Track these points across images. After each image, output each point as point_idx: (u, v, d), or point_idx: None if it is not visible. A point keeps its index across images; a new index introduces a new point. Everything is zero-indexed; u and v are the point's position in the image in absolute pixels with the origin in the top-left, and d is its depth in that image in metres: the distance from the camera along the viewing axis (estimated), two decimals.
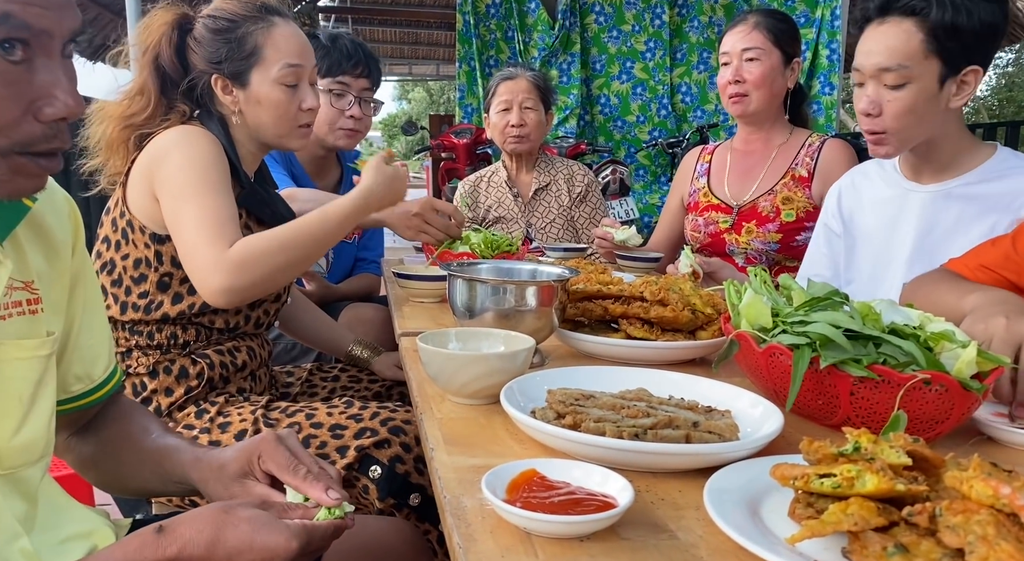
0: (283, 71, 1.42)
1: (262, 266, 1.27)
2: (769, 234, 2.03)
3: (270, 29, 1.43)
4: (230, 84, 1.43)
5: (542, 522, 0.65)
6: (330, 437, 1.32)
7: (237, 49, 1.41)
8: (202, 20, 1.43)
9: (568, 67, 5.41)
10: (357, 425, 1.32)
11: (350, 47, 2.09)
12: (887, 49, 1.33)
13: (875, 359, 0.85)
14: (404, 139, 28.21)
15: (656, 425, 0.80)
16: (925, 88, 1.34)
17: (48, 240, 0.89)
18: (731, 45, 2.03)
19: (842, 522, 0.58)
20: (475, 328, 1.13)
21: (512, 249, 1.82)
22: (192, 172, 1.33)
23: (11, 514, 0.82)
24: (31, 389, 0.83)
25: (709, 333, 1.20)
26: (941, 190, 1.45)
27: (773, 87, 2.02)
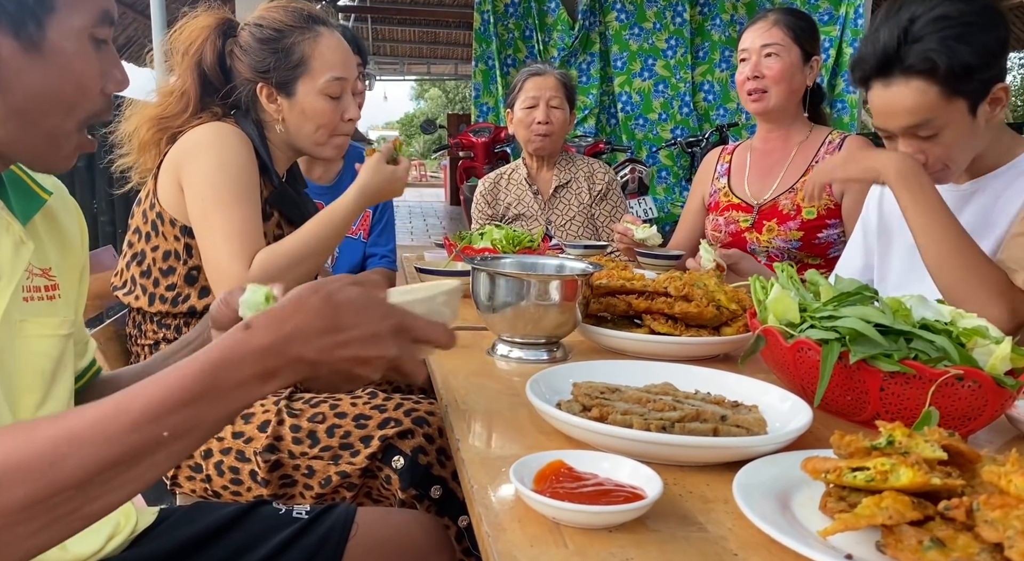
0: (329, 83, 1.44)
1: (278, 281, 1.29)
2: (790, 232, 2.01)
3: (317, 39, 1.44)
4: (275, 93, 1.44)
5: (571, 512, 0.64)
6: (354, 427, 1.32)
7: (284, 59, 1.42)
8: (248, 28, 1.44)
9: (588, 67, 5.41)
10: (381, 415, 1.33)
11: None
12: (906, 111, 1.27)
13: (906, 354, 0.84)
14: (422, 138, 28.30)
15: (684, 418, 0.80)
16: (960, 126, 1.28)
17: (62, 235, 0.93)
18: (750, 41, 2.02)
19: (876, 515, 0.58)
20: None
21: (533, 245, 1.82)
22: (221, 177, 1.34)
23: None
24: (52, 366, 0.86)
25: (734, 329, 1.19)
26: (970, 189, 1.43)
27: (792, 83, 2.01)
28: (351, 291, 0.68)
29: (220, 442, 1.35)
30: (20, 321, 0.82)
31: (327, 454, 1.31)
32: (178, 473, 1.38)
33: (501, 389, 1.05)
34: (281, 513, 1.11)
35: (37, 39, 0.72)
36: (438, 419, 1.32)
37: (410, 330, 0.69)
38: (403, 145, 1.58)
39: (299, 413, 1.35)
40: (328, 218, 1.47)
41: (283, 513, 1.11)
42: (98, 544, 0.91)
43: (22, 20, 0.71)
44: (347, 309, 0.67)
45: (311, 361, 0.65)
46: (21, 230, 0.82)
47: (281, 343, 0.64)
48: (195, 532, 1.04)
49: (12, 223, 0.82)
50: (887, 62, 1.26)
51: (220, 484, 1.35)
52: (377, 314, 0.68)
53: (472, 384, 1.06)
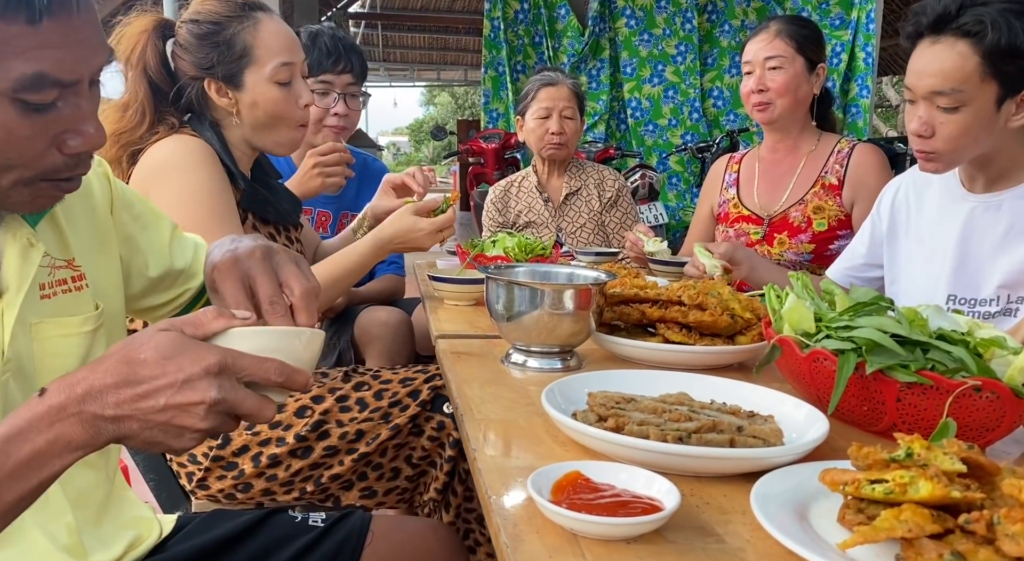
0: (277, 69, 1.40)
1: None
2: (802, 245, 2.01)
3: (256, 27, 1.40)
4: (224, 87, 1.41)
5: (589, 523, 0.65)
6: (401, 387, 1.38)
7: (227, 51, 1.39)
8: (185, 25, 1.41)
9: (597, 73, 5.42)
10: (424, 375, 1.40)
11: (330, 44, 2.05)
12: (940, 72, 1.28)
13: (923, 365, 0.84)
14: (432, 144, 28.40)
15: (700, 429, 0.80)
16: (981, 111, 1.28)
17: (88, 212, 0.91)
18: (753, 54, 2.01)
19: (896, 528, 0.58)
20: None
21: (546, 253, 1.82)
22: (194, 203, 1.31)
23: (61, 490, 0.84)
24: (77, 365, 0.85)
25: (748, 338, 1.19)
26: (992, 201, 1.41)
27: (797, 94, 2.00)
28: (159, 338, 0.64)
29: (256, 436, 1.37)
30: (35, 324, 0.81)
31: (377, 415, 1.39)
32: (208, 475, 1.39)
33: (516, 398, 1.05)
34: (297, 521, 1.12)
35: None
36: None
37: (234, 369, 0.65)
38: (451, 201, 1.53)
39: (338, 390, 1.41)
40: (338, 263, 1.48)
41: (299, 521, 1.12)
42: (119, 551, 0.92)
43: None
44: (150, 358, 0.63)
45: (112, 417, 0.62)
46: (30, 233, 0.81)
47: (72, 403, 0.62)
48: (213, 540, 1.05)
49: (20, 227, 0.80)
50: (943, 19, 1.27)
51: (254, 473, 1.37)
52: (188, 358, 0.63)
53: (487, 393, 1.07)
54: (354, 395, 1.39)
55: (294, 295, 0.79)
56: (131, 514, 0.98)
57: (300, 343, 0.71)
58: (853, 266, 1.67)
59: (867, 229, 1.66)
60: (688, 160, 5.36)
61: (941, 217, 1.48)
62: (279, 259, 0.81)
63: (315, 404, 1.39)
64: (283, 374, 0.67)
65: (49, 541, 0.83)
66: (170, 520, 1.07)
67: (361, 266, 1.49)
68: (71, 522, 0.85)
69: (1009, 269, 1.34)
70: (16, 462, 0.61)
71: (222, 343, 0.68)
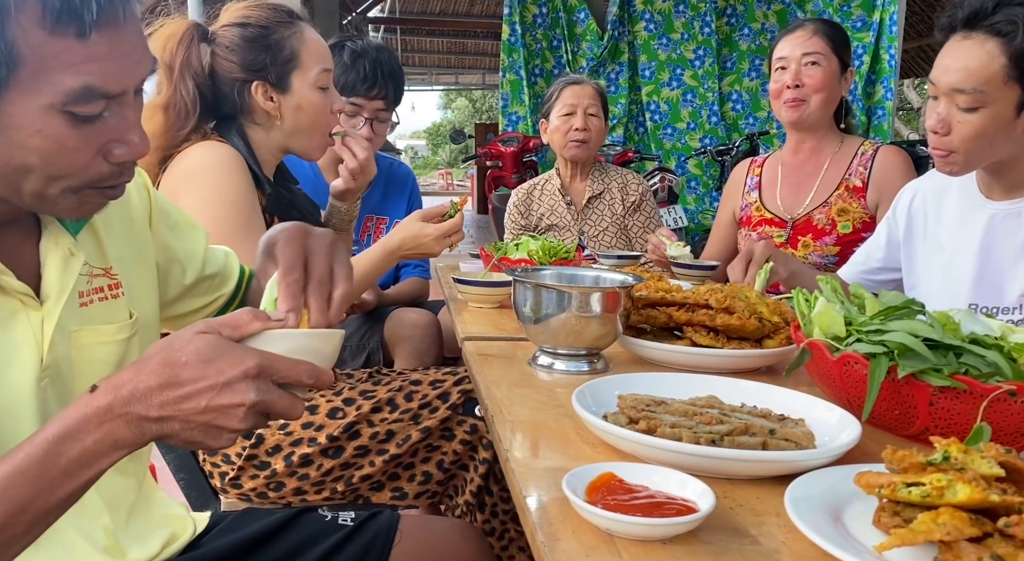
0: (320, 75, 1.46)
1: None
2: (827, 248, 2.00)
3: (302, 34, 1.46)
4: (271, 90, 1.44)
5: (625, 523, 0.65)
6: (431, 389, 1.39)
7: (277, 55, 1.43)
8: (231, 29, 1.44)
9: (616, 77, 5.42)
10: (454, 377, 1.41)
11: (368, 69, 2.04)
12: (965, 69, 1.27)
13: (956, 369, 0.84)
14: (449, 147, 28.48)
15: (732, 432, 0.80)
16: (1000, 114, 1.27)
17: (126, 220, 0.93)
18: (789, 50, 2.00)
19: (934, 531, 0.58)
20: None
21: (569, 256, 1.83)
22: (222, 211, 1.33)
23: (97, 492, 0.86)
24: (112, 371, 0.87)
25: (776, 342, 1.19)
26: (1012, 209, 1.40)
27: (831, 93, 2.00)
28: (198, 341, 0.67)
29: (289, 436, 1.39)
30: (74, 331, 0.84)
31: (407, 416, 1.40)
32: (241, 474, 1.41)
33: (544, 400, 1.06)
34: (327, 520, 1.13)
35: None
36: None
37: (270, 372, 0.67)
38: (459, 206, 1.54)
39: (371, 392, 1.42)
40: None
41: (329, 520, 1.13)
42: (155, 549, 0.93)
43: None
44: (192, 361, 0.65)
45: (156, 418, 0.65)
46: (71, 242, 0.83)
47: (119, 405, 0.65)
48: (245, 537, 1.06)
49: (62, 236, 0.83)
50: (977, 15, 1.27)
51: (286, 472, 1.39)
52: (228, 361, 0.66)
53: (515, 395, 1.08)
54: (385, 396, 1.41)
55: (336, 291, 0.80)
56: (164, 512, 1.00)
57: (327, 345, 0.74)
58: (868, 269, 1.66)
59: (883, 232, 1.65)
60: (707, 164, 5.35)
61: (960, 224, 1.47)
62: (340, 254, 0.83)
63: (346, 406, 1.41)
64: (314, 376, 0.70)
65: (87, 542, 0.85)
66: (203, 518, 1.09)
67: (370, 274, 1.51)
68: (107, 523, 0.87)
69: None
70: (68, 460, 0.64)
71: (257, 343, 0.70)
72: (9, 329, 0.77)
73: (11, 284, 0.77)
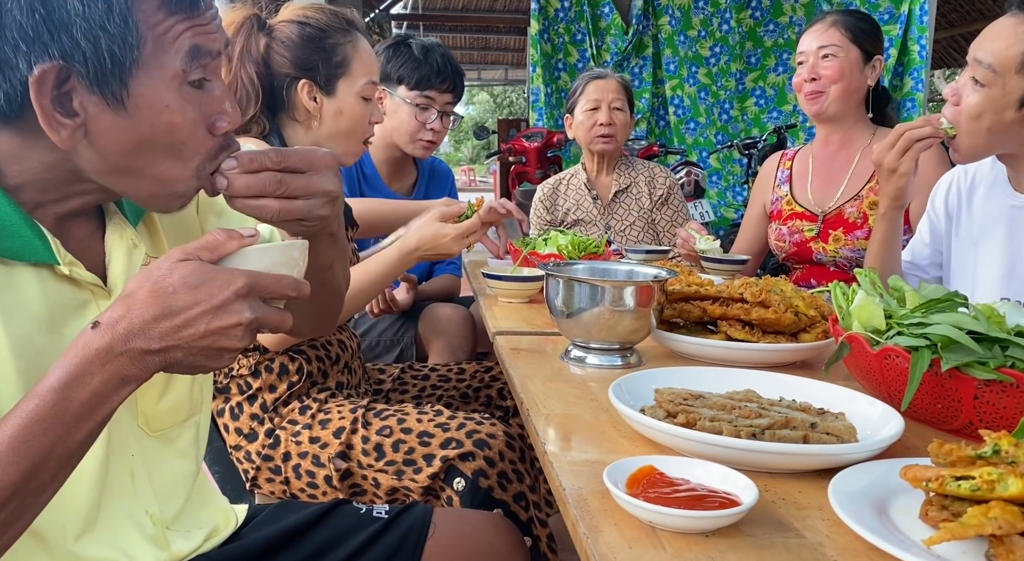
0: (366, 86, 1.49)
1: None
2: (858, 241, 1.97)
3: (357, 43, 1.48)
4: (316, 90, 1.46)
5: (668, 516, 0.65)
6: (418, 444, 1.35)
7: (330, 57, 1.45)
8: (290, 24, 1.46)
9: (640, 71, 5.40)
10: (444, 435, 1.35)
11: (440, 62, 2.10)
12: (991, 42, 1.26)
13: (1002, 362, 0.82)
14: (471, 143, 28.51)
15: (773, 425, 0.79)
16: (999, 100, 1.25)
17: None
18: (807, 44, 1.99)
19: (985, 525, 0.57)
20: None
21: (599, 251, 1.83)
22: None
23: (149, 480, 0.88)
24: None
25: (813, 335, 1.18)
26: None
27: (850, 83, 1.96)
28: (181, 269, 0.68)
29: (298, 446, 1.39)
30: None
31: (391, 468, 1.35)
32: (258, 475, 1.42)
33: (578, 394, 1.06)
34: (362, 512, 1.14)
35: (122, 97, 0.71)
36: (500, 442, 1.34)
37: (258, 289, 0.69)
38: (475, 207, 1.55)
39: (369, 424, 1.39)
40: (366, 270, 1.50)
41: (364, 512, 1.14)
42: (198, 541, 0.95)
43: (105, 80, 0.70)
44: (180, 289, 0.67)
45: (158, 350, 0.66)
46: (133, 234, 0.86)
47: (119, 343, 0.66)
48: (281, 530, 1.08)
49: (125, 228, 0.85)
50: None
51: (297, 487, 1.40)
52: (217, 284, 0.67)
53: (549, 389, 1.08)
54: (374, 439, 1.34)
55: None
56: (212, 505, 1.01)
57: (300, 254, 0.77)
58: (918, 266, 1.63)
59: (925, 227, 1.63)
60: (724, 159, 5.32)
61: (988, 217, 1.45)
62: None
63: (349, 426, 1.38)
64: (296, 288, 0.73)
65: (137, 530, 0.86)
66: (242, 510, 1.11)
67: (388, 275, 1.52)
68: (156, 512, 0.89)
69: None
70: (79, 404, 0.65)
71: (235, 262, 0.72)
72: (82, 318, 0.79)
73: (82, 275, 0.79)
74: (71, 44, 0.68)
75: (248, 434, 1.42)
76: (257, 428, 1.42)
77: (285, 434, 1.40)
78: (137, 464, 0.86)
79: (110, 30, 0.69)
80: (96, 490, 0.81)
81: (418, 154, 2.19)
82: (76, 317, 0.79)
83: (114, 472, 0.83)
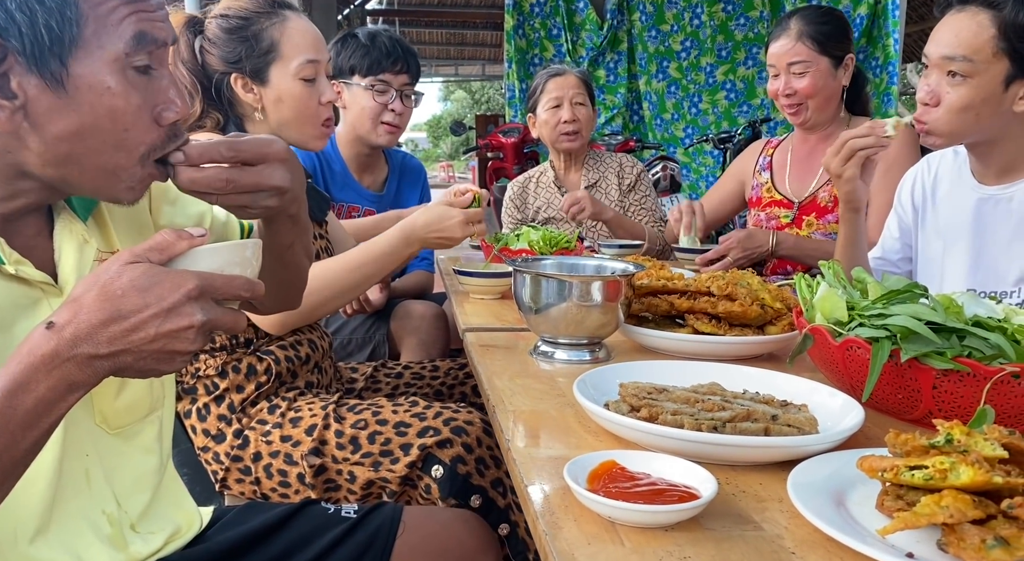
0: (302, 66, 1.42)
1: (308, 302, 1.29)
2: (829, 225, 2.01)
3: (284, 24, 1.42)
4: (250, 82, 1.42)
5: (628, 511, 0.65)
6: (394, 434, 1.34)
7: (254, 46, 1.40)
8: (214, 20, 1.43)
9: (615, 66, 5.40)
10: (421, 424, 1.34)
11: (389, 44, 2.08)
12: (956, 39, 1.28)
13: (960, 352, 0.83)
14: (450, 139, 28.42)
15: (735, 418, 0.80)
16: (986, 86, 1.28)
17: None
18: (776, 57, 2.00)
19: (937, 514, 0.58)
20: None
21: (570, 246, 1.83)
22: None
23: (106, 479, 0.86)
24: None
25: (779, 328, 1.19)
26: (1003, 194, 1.39)
27: (826, 92, 1.99)
28: (130, 272, 0.66)
29: (269, 445, 1.37)
30: None
31: (368, 460, 1.33)
32: (227, 475, 1.41)
33: (545, 389, 1.06)
34: (330, 512, 1.13)
35: (61, 77, 0.69)
36: (477, 428, 1.34)
37: (210, 291, 0.68)
38: (480, 199, 1.51)
39: (343, 419, 1.37)
40: (363, 252, 1.47)
41: (332, 512, 1.13)
42: (157, 544, 0.93)
43: (44, 59, 0.68)
44: (129, 292, 0.65)
45: (107, 354, 0.65)
46: (83, 230, 0.84)
47: (65, 348, 0.64)
48: (247, 532, 1.06)
49: (75, 224, 0.83)
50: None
51: (269, 487, 1.38)
52: (166, 287, 0.66)
53: (517, 385, 1.07)
54: (349, 432, 1.33)
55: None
56: (177, 505, 1.00)
57: (254, 255, 0.75)
58: (890, 261, 1.64)
59: (893, 222, 1.65)
60: (696, 152, 5.35)
61: (954, 211, 1.47)
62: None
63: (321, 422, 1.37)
64: (249, 288, 0.72)
65: (92, 531, 0.85)
66: (207, 512, 1.09)
67: (388, 255, 1.45)
68: (113, 512, 0.87)
69: None
70: (24, 412, 0.64)
71: (186, 263, 0.71)
72: (34, 317, 0.78)
73: (30, 273, 0.77)
74: (5, 18, 0.67)
75: (216, 435, 1.41)
76: (225, 429, 1.40)
77: (254, 434, 1.39)
78: (92, 464, 0.85)
79: (47, 3, 0.67)
80: (49, 492, 0.79)
81: (383, 141, 2.16)
82: (27, 316, 0.77)
83: (68, 473, 0.82)
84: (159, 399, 0.95)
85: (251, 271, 0.75)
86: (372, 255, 1.47)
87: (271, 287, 1.03)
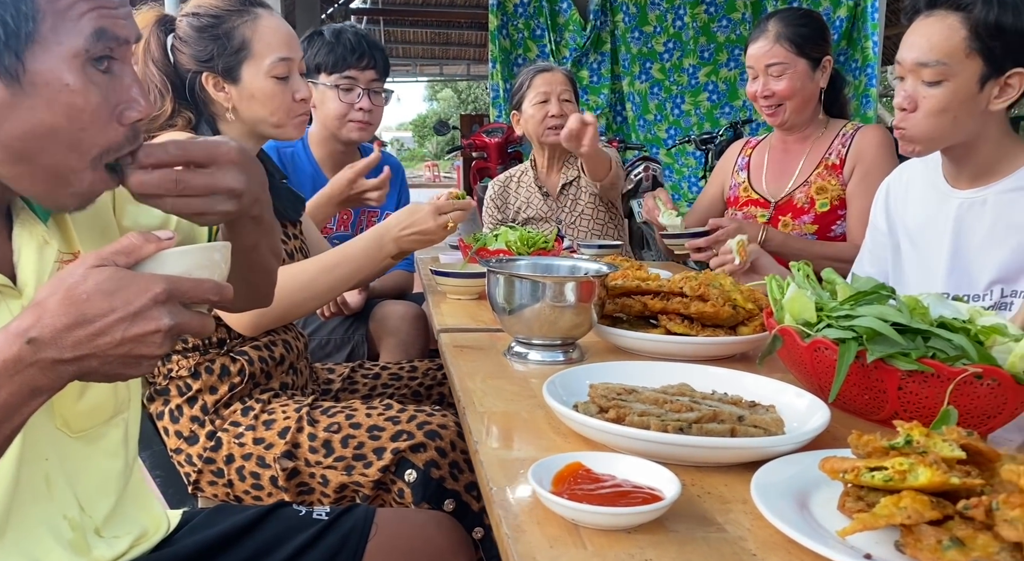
0: (275, 64, 1.41)
1: (282, 303, 1.30)
2: (804, 225, 2.03)
3: (256, 22, 1.41)
4: (221, 81, 1.41)
5: (590, 513, 0.65)
6: (368, 438, 1.33)
7: (225, 44, 1.39)
8: (185, 19, 1.41)
9: (598, 67, 5.42)
10: (395, 427, 1.33)
11: (354, 41, 2.07)
12: (928, 43, 1.29)
13: (924, 353, 0.84)
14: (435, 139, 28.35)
15: (701, 419, 0.80)
16: (963, 88, 1.29)
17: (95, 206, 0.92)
18: (755, 59, 2.01)
19: (895, 515, 0.58)
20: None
21: (548, 246, 1.82)
22: None
23: (67, 483, 0.85)
24: None
25: (750, 328, 1.19)
26: (977, 196, 1.40)
27: (804, 94, 2.01)
28: (95, 275, 0.65)
29: (242, 448, 1.36)
30: None
31: (341, 464, 1.33)
32: (200, 478, 1.39)
33: (518, 391, 1.06)
34: (301, 514, 1.12)
35: (17, 73, 0.68)
36: (451, 432, 1.33)
37: (177, 295, 0.67)
38: (461, 196, 1.51)
39: (316, 422, 1.36)
40: (338, 254, 1.46)
41: (303, 514, 1.13)
42: (122, 548, 0.92)
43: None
44: (95, 296, 0.64)
45: (71, 359, 0.64)
46: (44, 231, 0.82)
47: (28, 354, 0.63)
48: (217, 534, 1.05)
49: (35, 225, 0.82)
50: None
51: (242, 489, 1.37)
52: (133, 291, 0.65)
53: (489, 386, 1.07)
54: (322, 436, 1.32)
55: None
56: (143, 508, 0.99)
57: (223, 258, 0.74)
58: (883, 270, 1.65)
59: (869, 235, 1.66)
60: (678, 152, 5.37)
61: (929, 216, 1.48)
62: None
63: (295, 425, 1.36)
64: (218, 292, 0.70)
65: (52, 536, 0.84)
66: (176, 515, 1.08)
67: (363, 256, 1.45)
68: (75, 517, 0.86)
69: (1000, 264, 1.33)
70: None
71: (153, 266, 0.70)
72: None
73: None
74: None
75: (188, 437, 1.39)
76: (198, 431, 1.39)
77: (227, 436, 1.37)
78: (53, 468, 0.83)
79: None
80: (7, 498, 0.78)
81: (354, 137, 2.14)
82: None
83: (26, 478, 0.80)
84: (124, 402, 0.93)
85: (219, 274, 0.74)
86: (347, 257, 1.46)
87: (238, 288, 1.02)
